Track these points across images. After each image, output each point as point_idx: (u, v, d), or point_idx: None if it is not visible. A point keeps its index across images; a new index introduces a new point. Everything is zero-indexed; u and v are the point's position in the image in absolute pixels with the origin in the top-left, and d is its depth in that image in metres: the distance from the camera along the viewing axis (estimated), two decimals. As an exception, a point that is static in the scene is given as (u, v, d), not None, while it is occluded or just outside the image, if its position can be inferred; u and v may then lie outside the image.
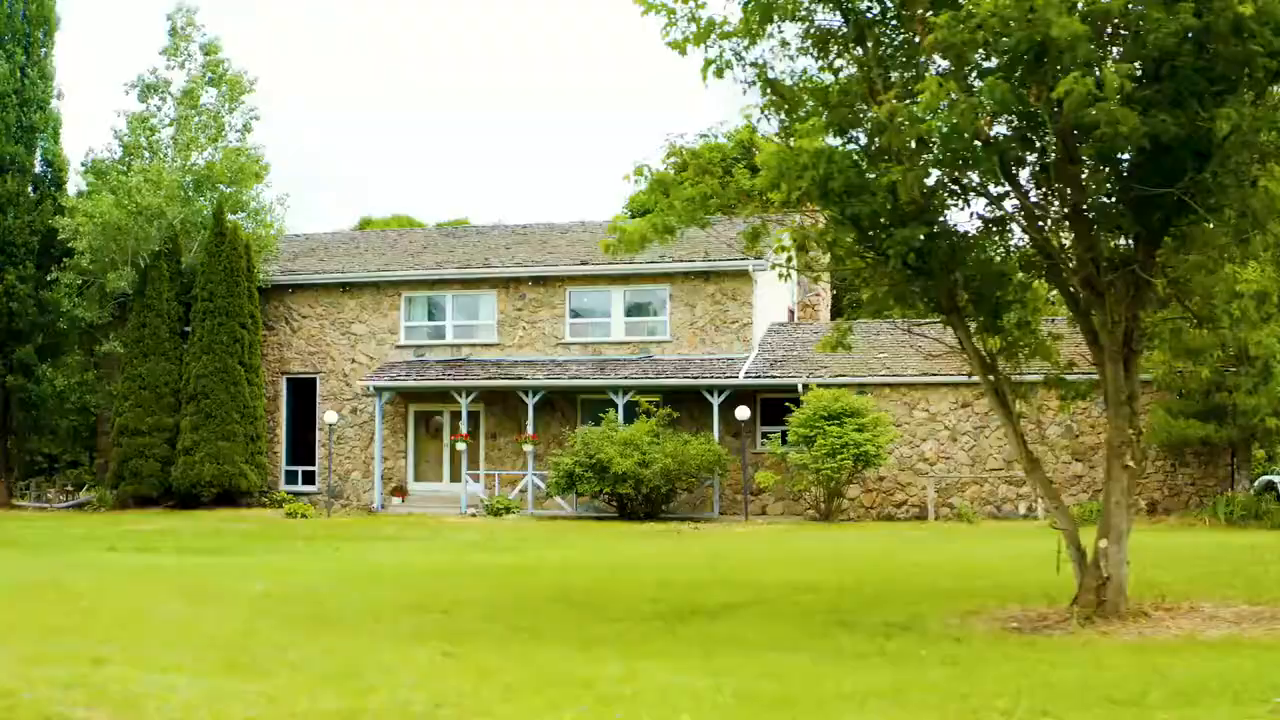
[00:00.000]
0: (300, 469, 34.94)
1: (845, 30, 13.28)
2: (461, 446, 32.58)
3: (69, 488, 34.18)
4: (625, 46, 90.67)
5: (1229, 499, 25.72)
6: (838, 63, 13.48)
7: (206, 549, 22.66)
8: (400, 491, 33.85)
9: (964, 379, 29.90)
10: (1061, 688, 8.41)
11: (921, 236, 11.76)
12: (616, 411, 30.87)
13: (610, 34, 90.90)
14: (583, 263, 33.36)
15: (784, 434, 29.38)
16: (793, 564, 19.18)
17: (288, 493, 33.82)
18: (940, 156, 11.26)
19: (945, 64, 13.11)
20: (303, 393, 35.22)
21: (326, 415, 33.06)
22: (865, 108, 13.26)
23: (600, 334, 33.41)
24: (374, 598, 15.42)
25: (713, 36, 12.45)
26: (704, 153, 14.79)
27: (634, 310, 33.43)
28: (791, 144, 12.06)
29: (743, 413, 30.25)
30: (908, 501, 30.10)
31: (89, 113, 67.67)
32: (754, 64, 12.52)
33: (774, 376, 30.94)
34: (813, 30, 13.34)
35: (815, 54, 13.52)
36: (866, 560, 19.55)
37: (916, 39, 11.82)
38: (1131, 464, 11.92)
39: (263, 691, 8.52)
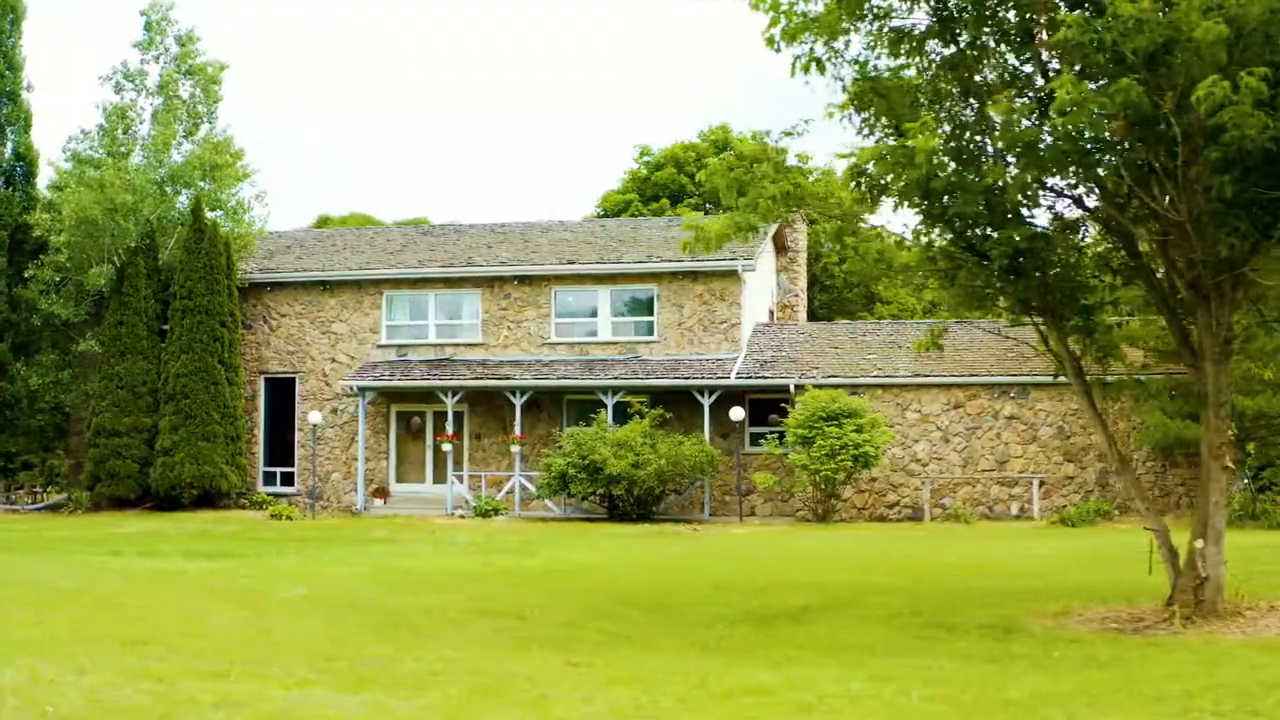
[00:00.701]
0: (278, 470, 34.27)
1: (921, 29, 13.29)
2: (447, 447, 32.14)
3: (36, 489, 33.18)
4: (578, 46, 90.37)
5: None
6: (908, 61, 13.48)
7: (212, 553, 22.00)
8: (382, 493, 33.32)
9: (956, 380, 30.15)
10: (1238, 687, 8.40)
11: (1026, 237, 11.75)
12: (606, 412, 30.67)
13: (561, 34, 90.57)
14: (569, 262, 33.09)
15: (781, 435, 29.36)
16: (825, 566, 19.09)
17: (267, 494, 33.19)
18: (1054, 156, 11.19)
19: (1025, 66, 13.25)
20: (280, 393, 34.55)
21: (311, 416, 32.44)
22: (939, 106, 13.30)
23: (586, 334, 33.15)
24: (429, 603, 15.06)
25: (807, 33, 12.36)
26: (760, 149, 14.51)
27: (621, 310, 33.20)
28: (892, 142, 11.98)
29: (737, 414, 30.20)
30: (900, 502, 30.23)
31: (58, 107, 66.26)
32: (855, 61, 12.43)
33: (765, 377, 30.91)
34: (886, 29, 13.32)
35: (888, 53, 13.50)
36: (897, 562, 19.53)
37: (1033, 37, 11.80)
38: (1231, 465, 12.00)
39: (429, 707, 8.22)
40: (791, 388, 30.35)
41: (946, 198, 11.81)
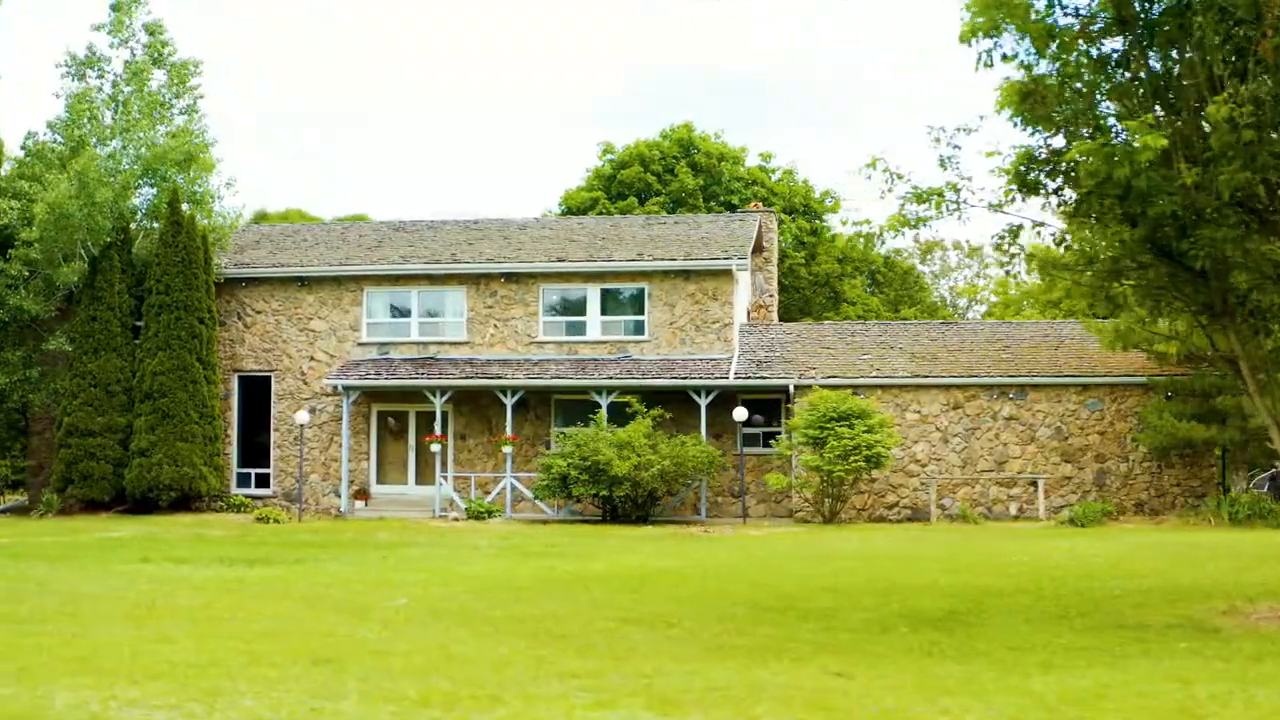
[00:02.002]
0: (253, 471, 33.01)
1: (1070, 26, 13.21)
2: (436, 448, 31.33)
3: (-2, 492, 31.47)
4: (489, 48, 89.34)
5: (1232, 499, 26.75)
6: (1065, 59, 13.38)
7: (250, 559, 20.78)
8: (363, 494, 32.33)
9: (955, 380, 30.34)
10: None
11: (1231, 239, 11.74)
12: (602, 412, 30.21)
13: (489, 34, 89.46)
14: (559, 259, 32.51)
15: (789, 435, 29.21)
16: (905, 567, 18.77)
17: (242, 496, 31.98)
18: (1270, 159, 11.18)
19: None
20: (254, 391, 33.29)
21: (298, 416, 31.26)
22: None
23: (576, 333, 32.61)
24: (558, 612, 14.37)
25: (1005, 22, 12.20)
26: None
27: (611, 309, 32.73)
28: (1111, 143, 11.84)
29: (740, 414, 29.98)
30: (899, 503, 30.31)
31: (24, 97, 63.39)
32: (1060, 59, 12.27)
33: (763, 377, 30.75)
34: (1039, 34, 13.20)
35: (1036, 51, 13.40)
36: (967, 562, 19.39)
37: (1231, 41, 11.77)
38: None
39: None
40: (791, 388, 30.27)
41: (1148, 198, 11.72)
